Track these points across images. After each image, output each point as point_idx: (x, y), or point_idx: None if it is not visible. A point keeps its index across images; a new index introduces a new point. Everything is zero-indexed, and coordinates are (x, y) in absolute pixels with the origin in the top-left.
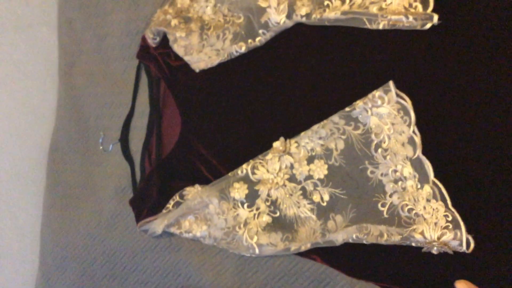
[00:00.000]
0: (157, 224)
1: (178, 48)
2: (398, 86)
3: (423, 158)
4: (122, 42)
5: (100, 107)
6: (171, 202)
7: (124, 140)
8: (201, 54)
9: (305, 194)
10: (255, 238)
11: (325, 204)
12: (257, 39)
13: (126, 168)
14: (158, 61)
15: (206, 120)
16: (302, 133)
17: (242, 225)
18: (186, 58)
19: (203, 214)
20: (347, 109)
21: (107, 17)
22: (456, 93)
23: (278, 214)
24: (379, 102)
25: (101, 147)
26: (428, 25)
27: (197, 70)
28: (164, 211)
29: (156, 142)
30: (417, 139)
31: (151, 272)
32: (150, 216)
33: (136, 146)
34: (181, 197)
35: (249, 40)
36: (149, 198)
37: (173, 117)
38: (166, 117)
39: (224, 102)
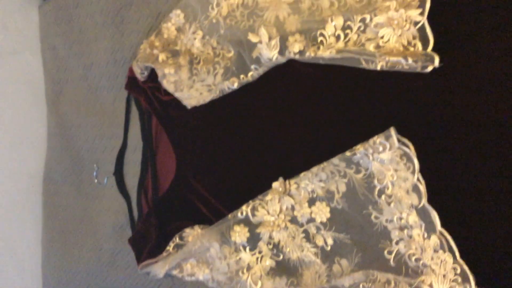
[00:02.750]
0: (159, 268)
1: (167, 84)
2: (400, 131)
3: (429, 207)
4: (109, 71)
5: (91, 139)
6: (171, 244)
7: (118, 175)
8: (192, 90)
9: (308, 237)
10: (259, 283)
11: (329, 248)
12: (250, 74)
13: (122, 203)
14: (148, 95)
15: (202, 158)
16: (302, 174)
17: (245, 270)
18: (176, 95)
19: (205, 257)
20: (347, 153)
21: (91, 45)
22: (460, 138)
23: (281, 257)
24: (381, 148)
25: (95, 180)
26: (429, 68)
27: (189, 107)
28: (164, 253)
29: (152, 179)
30: (422, 187)
31: None
32: (151, 258)
33: (131, 181)
34: (181, 238)
35: (241, 76)
36: (149, 238)
37: (167, 153)
38: (160, 152)
39: (219, 139)
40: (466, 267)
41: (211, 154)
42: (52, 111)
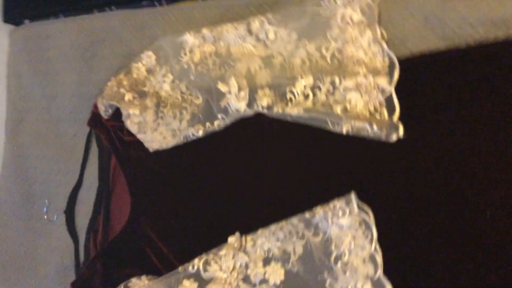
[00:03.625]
0: None
1: (131, 125)
2: (361, 197)
3: (384, 280)
4: (73, 104)
5: (47, 172)
6: None
7: (69, 213)
8: (155, 134)
9: None
10: None
11: None
12: (216, 123)
13: (70, 244)
14: (110, 133)
15: (158, 203)
16: (259, 231)
17: None
18: (139, 136)
19: None
20: (307, 215)
21: (58, 76)
22: (420, 210)
23: None
24: (340, 213)
25: (45, 216)
26: (394, 138)
27: (151, 150)
28: None
29: (103, 222)
30: (379, 258)
31: None
32: None
33: (82, 221)
34: None
35: (207, 124)
36: (92, 285)
37: (123, 196)
38: (116, 194)
39: (178, 186)
40: None
41: (168, 201)
42: (10, 140)
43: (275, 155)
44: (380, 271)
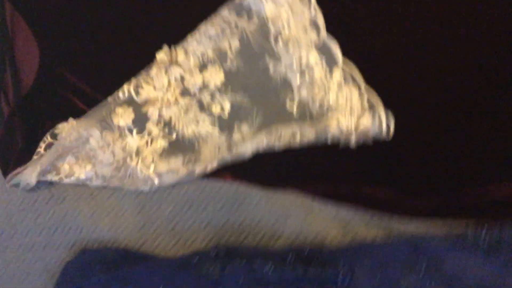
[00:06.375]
0: (29, 174)
1: None
2: None
3: (328, 40)
4: None
5: None
6: (42, 145)
7: None
8: None
9: (203, 107)
10: (152, 167)
11: (226, 114)
12: None
13: None
14: None
15: (71, 41)
16: (188, 36)
17: (134, 156)
18: None
19: (85, 151)
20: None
21: None
22: None
23: (174, 136)
24: None
25: None
26: None
27: None
28: (35, 157)
29: (12, 78)
30: (320, 20)
31: (35, 232)
32: (19, 166)
33: None
34: (53, 136)
35: None
36: (14, 145)
37: (28, 45)
38: (18, 46)
39: (88, 15)
40: (373, 93)
41: (81, 32)
42: None
43: None
44: (323, 33)
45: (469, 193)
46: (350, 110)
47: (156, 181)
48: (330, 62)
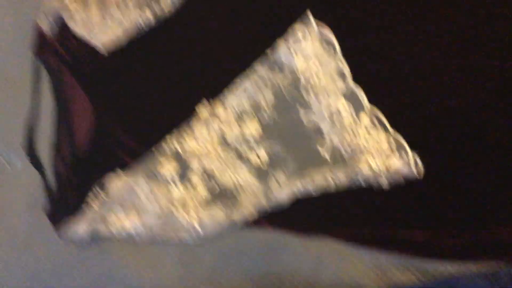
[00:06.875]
0: (79, 225)
1: (76, 27)
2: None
3: (354, 86)
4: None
5: None
6: (91, 196)
7: (28, 146)
8: (103, 29)
9: (241, 157)
10: (196, 217)
11: (263, 163)
12: (162, 1)
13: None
14: (58, 51)
15: (123, 103)
16: (226, 91)
17: (178, 205)
18: (88, 38)
19: (131, 202)
20: (268, 52)
21: None
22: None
23: (215, 185)
24: (300, 35)
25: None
26: None
27: (101, 46)
28: (84, 206)
29: (68, 141)
30: (345, 68)
31: (82, 284)
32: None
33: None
34: (101, 187)
35: (153, 4)
36: (68, 203)
37: (83, 109)
38: (75, 111)
39: (137, 77)
40: (398, 135)
41: (132, 97)
42: None
43: (221, 17)
44: (349, 80)
45: (502, 231)
46: (380, 151)
47: (199, 230)
48: (357, 108)
